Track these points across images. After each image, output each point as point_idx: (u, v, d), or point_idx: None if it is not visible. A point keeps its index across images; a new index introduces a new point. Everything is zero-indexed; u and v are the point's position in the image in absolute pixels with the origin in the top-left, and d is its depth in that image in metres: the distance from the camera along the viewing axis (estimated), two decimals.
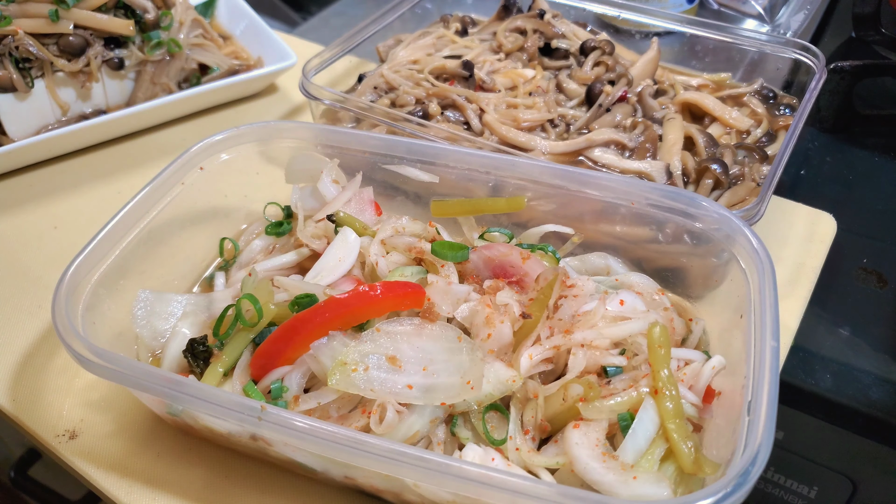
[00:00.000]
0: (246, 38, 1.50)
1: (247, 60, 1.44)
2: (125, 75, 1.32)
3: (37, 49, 1.19)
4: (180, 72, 1.36)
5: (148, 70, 1.32)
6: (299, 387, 0.75)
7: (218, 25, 1.54)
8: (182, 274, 0.98)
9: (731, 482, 0.58)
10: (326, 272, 0.85)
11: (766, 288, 0.74)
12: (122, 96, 1.34)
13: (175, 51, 1.33)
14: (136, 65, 1.32)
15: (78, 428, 0.87)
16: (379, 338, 0.73)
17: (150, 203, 0.89)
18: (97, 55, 1.25)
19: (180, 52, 1.34)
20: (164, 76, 1.33)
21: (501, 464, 0.70)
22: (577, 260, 0.94)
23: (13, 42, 1.19)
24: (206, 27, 1.41)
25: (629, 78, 1.20)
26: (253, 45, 1.48)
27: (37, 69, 1.23)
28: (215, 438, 0.81)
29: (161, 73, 1.33)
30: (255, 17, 1.49)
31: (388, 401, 0.69)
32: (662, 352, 0.73)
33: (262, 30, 1.46)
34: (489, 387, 0.72)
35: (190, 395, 0.67)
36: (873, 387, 1.01)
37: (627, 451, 0.68)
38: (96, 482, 0.82)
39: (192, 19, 1.38)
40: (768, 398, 0.64)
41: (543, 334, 0.76)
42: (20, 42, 1.18)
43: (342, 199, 0.94)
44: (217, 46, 1.42)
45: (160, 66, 1.33)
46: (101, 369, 0.69)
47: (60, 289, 0.75)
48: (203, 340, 0.81)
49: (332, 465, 0.73)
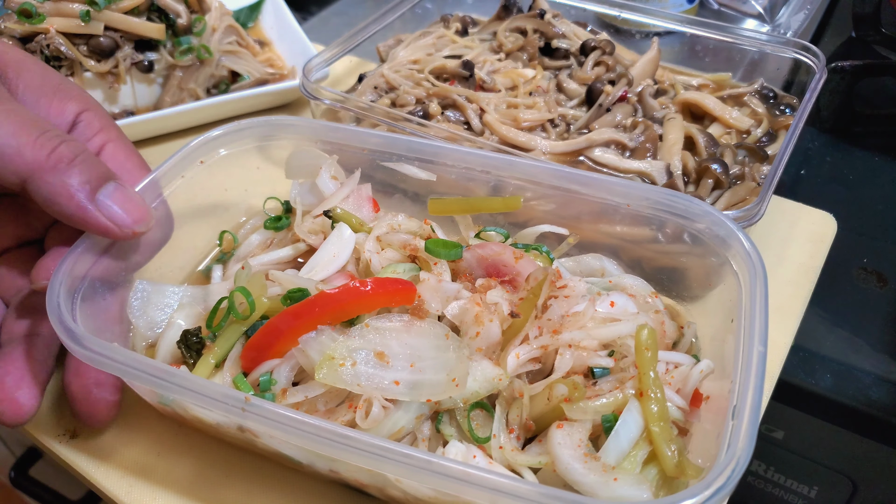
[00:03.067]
0: (284, 46, 1.49)
1: (280, 69, 1.44)
2: (154, 79, 1.33)
3: (67, 48, 1.21)
4: (210, 78, 1.36)
5: (176, 75, 1.32)
6: (288, 380, 0.75)
7: (260, 30, 1.54)
8: (180, 265, 0.98)
9: (709, 485, 0.58)
10: (321, 267, 0.85)
11: (757, 293, 0.74)
12: (150, 99, 1.35)
13: (205, 57, 1.33)
14: (166, 69, 1.32)
15: (78, 427, 0.87)
16: (367, 333, 0.73)
17: (151, 195, 0.89)
18: (126, 58, 1.26)
19: (210, 59, 1.34)
20: (192, 81, 1.34)
21: (483, 461, 0.70)
22: (573, 261, 0.94)
23: (45, 40, 1.20)
24: (242, 34, 1.41)
25: (629, 78, 1.20)
26: (289, 54, 1.47)
27: (66, 68, 1.24)
28: (205, 429, 0.82)
29: (189, 78, 1.33)
30: (296, 26, 1.47)
31: (375, 396, 0.69)
32: (649, 354, 0.72)
33: (299, 39, 1.44)
34: (475, 385, 0.72)
35: (178, 385, 0.67)
36: (873, 387, 1.01)
37: (609, 452, 0.68)
38: (96, 482, 0.83)
39: (227, 25, 1.38)
40: (752, 403, 0.64)
41: (532, 334, 0.76)
42: (51, 40, 1.20)
43: (340, 196, 0.94)
44: (252, 53, 1.42)
45: (189, 71, 1.33)
46: (93, 357, 0.69)
47: (56, 278, 0.75)
48: (197, 332, 0.81)
49: (317, 459, 0.73)
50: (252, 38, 1.46)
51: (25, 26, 1.19)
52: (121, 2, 1.24)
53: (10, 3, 1.21)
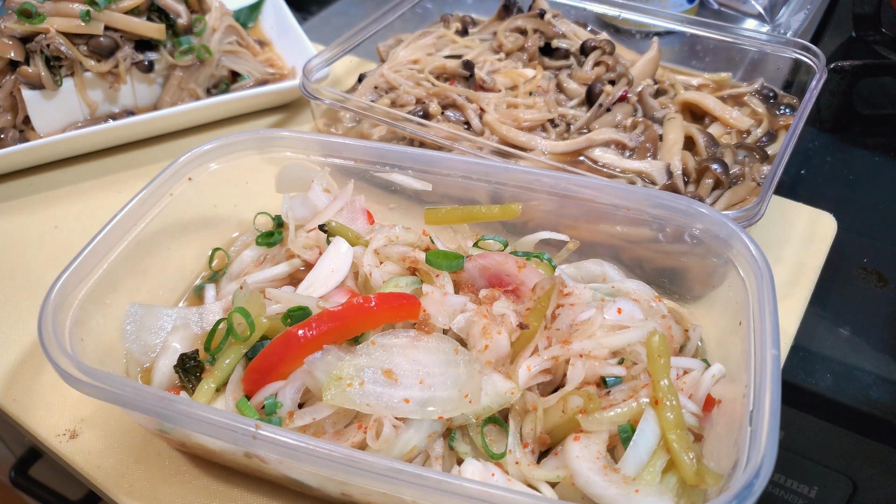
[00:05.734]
0: (284, 46, 1.48)
1: (280, 69, 1.43)
2: (154, 79, 1.32)
3: (67, 48, 1.21)
4: (210, 78, 1.36)
5: (176, 74, 1.32)
6: (293, 402, 0.74)
7: (260, 30, 1.53)
8: (172, 286, 0.96)
9: (735, 495, 0.57)
10: (319, 283, 0.83)
11: (764, 294, 0.73)
12: (150, 99, 1.34)
13: (205, 57, 1.32)
14: (166, 69, 1.32)
15: (78, 428, 0.87)
16: (374, 351, 0.71)
17: (138, 215, 0.88)
18: (126, 57, 1.26)
19: (210, 59, 1.33)
20: (193, 81, 1.33)
21: (501, 479, 0.69)
22: (573, 267, 0.93)
23: (45, 40, 1.20)
24: (242, 34, 1.40)
25: (629, 78, 1.20)
26: (289, 54, 1.46)
27: (66, 68, 1.24)
28: (208, 455, 0.80)
29: (189, 78, 1.33)
30: (296, 26, 1.47)
31: (385, 415, 0.68)
32: (662, 361, 0.71)
33: (300, 40, 1.44)
34: (487, 399, 0.71)
35: (182, 414, 0.65)
36: (873, 387, 1.01)
37: (629, 463, 0.67)
38: (96, 482, 0.83)
39: (228, 25, 1.37)
40: (770, 408, 0.63)
41: (541, 345, 0.75)
42: (51, 40, 1.20)
43: (334, 209, 0.92)
44: (252, 53, 1.42)
45: (189, 71, 1.33)
46: (90, 388, 0.68)
47: (47, 305, 0.74)
48: (194, 355, 0.80)
49: (329, 483, 0.72)
50: (252, 38, 1.45)
51: (25, 26, 1.19)
52: (121, 2, 1.24)
53: (10, 3, 1.21)
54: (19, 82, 1.21)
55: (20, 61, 1.20)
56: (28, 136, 1.26)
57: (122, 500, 0.80)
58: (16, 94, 1.23)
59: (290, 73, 1.43)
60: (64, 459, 0.85)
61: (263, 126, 1.38)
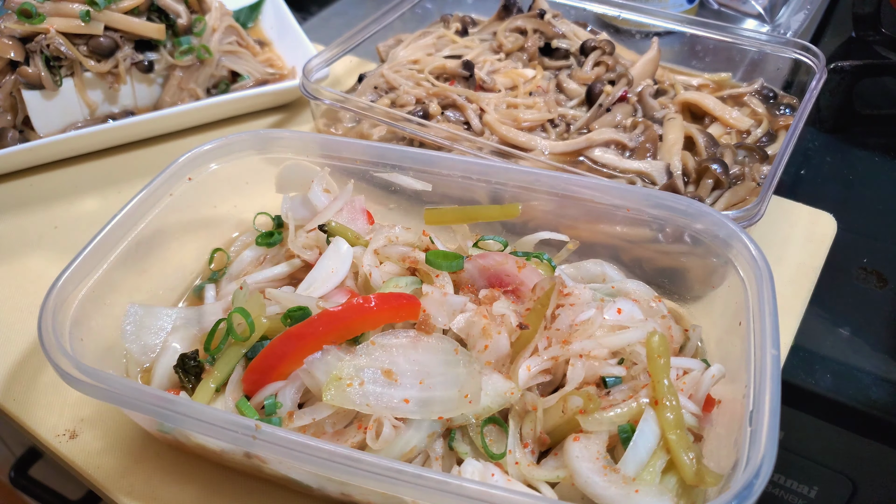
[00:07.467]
0: (284, 46, 1.48)
1: (280, 70, 1.43)
2: (154, 79, 1.32)
3: (67, 48, 1.21)
4: (210, 78, 1.36)
5: (176, 75, 1.32)
6: (293, 402, 0.74)
7: (260, 30, 1.53)
8: (172, 286, 0.96)
9: (735, 495, 0.57)
10: (319, 284, 0.83)
11: (764, 295, 0.73)
12: (150, 99, 1.34)
13: (205, 57, 1.32)
14: (166, 69, 1.32)
15: (78, 428, 0.87)
16: (374, 351, 0.71)
17: (138, 215, 0.88)
18: (126, 58, 1.26)
19: (210, 59, 1.33)
20: (192, 82, 1.33)
21: (501, 479, 0.69)
22: (573, 267, 0.93)
23: (45, 40, 1.20)
24: (242, 34, 1.40)
25: (629, 78, 1.20)
26: (289, 54, 1.46)
27: (66, 68, 1.24)
28: (208, 455, 0.80)
29: (189, 78, 1.33)
30: (296, 26, 1.47)
31: (385, 415, 0.68)
32: (662, 361, 0.71)
33: (300, 40, 1.44)
34: (487, 399, 0.71)
35: (182, 414, 0.65)
36: (873, 387, 1.01)
37: (629, 463, 0.67)
38: (96, 482, 0.82)
39: (227, 26, 1.37)
40: (770, 408, 0.63)
41: (541, 345, 0.75)
42: (51, 40, 1.20)
43: (333, 209, 0.92)
44: (252, 53, 1.41)
45: (189, 71, 1.33)
46: (90, 388, 0.68)
47: (47, 305, 0.74)
48: (194, 355, 0.80)
49: (329, 483, 0.72)
50: (252, 38, 1.45)
51: (25, 26, 1.19)
52: (121, 2, 1.24)
53: (10, 3, 1.21)
54: (19, 82, 1.21)
55: (20, 61, 1.20)
56: (28, 136, 1.26)
57: (122, 500, 0.80)
58: (16, 95, 1.23)
59: (289, 73, 1.43)
60: (64, 459, 0.85)
61: (263, 126, 1.37)
